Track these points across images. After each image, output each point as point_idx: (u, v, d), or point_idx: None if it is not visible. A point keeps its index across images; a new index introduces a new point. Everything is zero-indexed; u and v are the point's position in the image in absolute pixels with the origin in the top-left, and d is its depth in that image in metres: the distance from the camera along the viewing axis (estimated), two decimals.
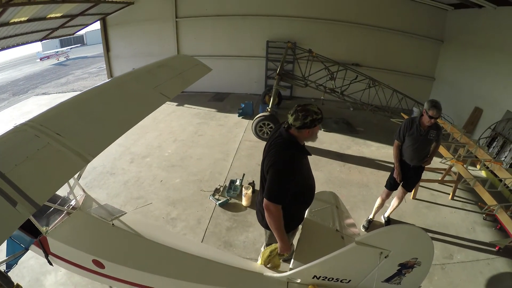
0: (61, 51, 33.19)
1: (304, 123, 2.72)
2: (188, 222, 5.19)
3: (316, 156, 7.67)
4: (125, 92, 3.23)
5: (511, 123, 7.80)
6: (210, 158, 7.44)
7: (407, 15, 12.09)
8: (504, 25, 8.70)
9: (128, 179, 6.52)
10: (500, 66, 8.78)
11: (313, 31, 12.31)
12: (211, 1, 12.52)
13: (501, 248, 5.07)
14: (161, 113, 10.65)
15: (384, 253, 2.23)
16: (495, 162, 5.87)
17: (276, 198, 2.71)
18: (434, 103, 4.51)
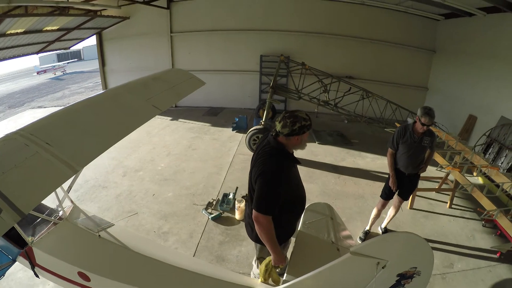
0: (58, 65, 33.44)
1: (293, 130, 2.66)
2: (180, 236, 5.10)
3: (310, 168, 7.69)
4: (117, 104, 3.22)
5: (506, 128, 7.84)
6: (204, 172, 7.39)
7: (399, 27, 12.34)
8: (494, 32, 8.92)
9: (120, 192, 6.46)
10: (491, 73, 8.97)
11: (307, 45, 12.50)
12: (206, 16, 12.69)
13: (502, 254, 5.02)
14: (155, 128, 10.67)
15: (381, 263, 2.10)
16: (492, 167, 5.83)
17: (265, 209, 2.61)
18: (427, 110, 4.48)
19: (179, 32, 13.06)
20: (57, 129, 2.48)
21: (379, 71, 12.89)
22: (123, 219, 5.47)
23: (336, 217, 3.69)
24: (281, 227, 2.83)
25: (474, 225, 5.85)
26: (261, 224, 2.63)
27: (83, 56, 45.63)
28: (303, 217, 3.48)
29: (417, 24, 12.21)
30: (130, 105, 3.29)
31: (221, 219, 5.55)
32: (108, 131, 2.82)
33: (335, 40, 12.64)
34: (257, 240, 2.96)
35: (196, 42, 13.07)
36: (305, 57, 10.49)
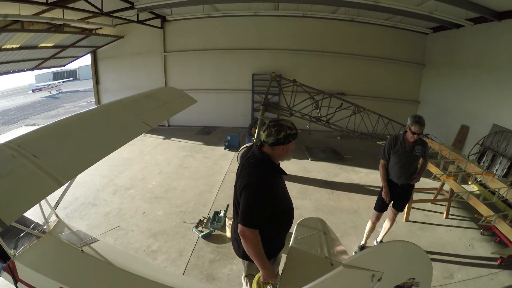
0: (54, 84, 33.80)
1: (278, 139, 2.58)
2: (170, 254, 5.00)
3: (303, 185, 7.67)
4: (107, 119, 3.23)
5: (498, 135, 7.95)
6: (195, 190, 7.33)
7: (389, 43, 12.64)
8: (482, 42, 9.15)
9: (110, 210, 6.37)
10: (481, 82, 9.17)
11: (298, 62, 12.71)
12: (198, 35, 12.87)
13: (503, 261, 4.96)
14: (147, 146, 10.67)
15: (377, 276, 1.97)
16: (487, 174, 5.86)
17: (251, 223, 2.51)
18: (417, 119, 4.45)
19: (172, 51, 13.21)
20: (46, 142, 2.48)
21: (371, 87, 13.10)
22: (105, 232, 5.36)
23: (329, 232, 3.61)
24: (269, 241, 2.73)
25: (472, 234, 5.82)
26: (248, 239, 2.52)
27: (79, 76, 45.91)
28: (294, 233, 3.41)
29: (406, 39, 12.54)
30: (120, 121, 3.30)
31: (212, 237, 5.45)
32: (96, 145, 2.81)
33: (326, 58, 12.87)
34: (244, 257, 2.83)
35: (189, 61, 13.21)
36: (297, 75, 10.64)
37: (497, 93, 8.56)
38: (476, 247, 5.43)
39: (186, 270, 4.70)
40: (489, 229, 5.72)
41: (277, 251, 2.99)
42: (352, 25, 12.20)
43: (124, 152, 9.89)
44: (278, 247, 2.98)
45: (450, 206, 6.43)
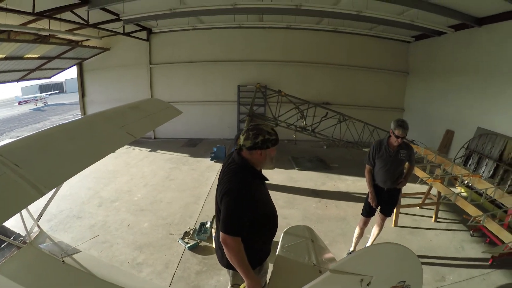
0: (40, 96, 33.64)
1: (255, 143, 2.52)
2: (155, 267, 4.93)
3: (290, 194, 7.68)
4: (91, 130, 3.20)
5: (483, 138, 8.12)
6: (181, 201, 7.27)
7: (373, 52, 12.91)
8: (463, 48, 9.42)
9: (95, 223, 6.28)
10: (464, 87, 9.40)
11: (283, 74, 12.82)
12: (184, 47, 12.96)
13: (494, 261, 5.01)
14: (133, 159, 10.61)
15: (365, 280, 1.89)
16: (473, 175, 5.89)
17: (233, 230, 2.45)
18: (400, 122, 4.46)
19: (158, 63, 13.24)
20: (28, 151, 2.44)
21: (356, 96, 13.33)
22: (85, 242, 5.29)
23: (317, 240, 3.56)
24: (253, 249, 2.67)
25: (462, 236, 5.87)
26: (230, 247, 2.46)
27: (66, 88, 45.64)
28: (281, 241, 3.36)
29: (389, 48, 12.86)
30: (104, 131, 3.28)
31: (198, 248, 5.39)
32: (79, 156, 2.78)
33: (311, 68, 13.06)
34: (228, 266, 2.75)
35: (175, 73, 13.27)
36: (282, 86, 10.70)
37: (480, 97, 8.80)
38: (466, 249, 5.49)
39: (172, 283, 4.63)
40: (479, 230, 5.81)
41: (263, 259, 2.93)
42: (336, 35, 12.40)
43: (109, 164, 9.82)
44: (263, 255, 2.92)
45: (439, 210, 6.48)
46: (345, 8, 8.32)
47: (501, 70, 8.17)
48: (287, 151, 11.77)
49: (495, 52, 8.40)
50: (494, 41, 8.39)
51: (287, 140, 12.81)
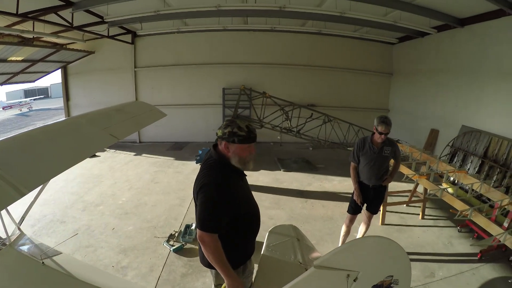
0: (25, 101, 33.30)
1: (223, 133, 2.46)
2: (140, 270, 4.87)
3: (276, 195, 7.68)
4: (73, 131, 3.17)
5: (468, 136, 8.24)
6: (166, 204, 7.22)
7: (357, 54, 13.11)
8: (446, 49, 9.62)
9: (79, 227, 6.19)
10: (447, 86, 9.59)
11: (268, 76, 12.89)
12: (169, 51, 12.93)
13: (483, 255, 5.06)
14: (117, 163, 10.51)
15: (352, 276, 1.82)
16: (459, 171, 5.93)
17: (209, 226, 2.37)
18: (383, 119, 4.47)
19: (143, 67, 13.18)
20: (9, 152, 2.41)
21: (341, 97, 13.46)
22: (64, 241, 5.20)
23: (303, 238, 3.52)
24: (234, 247, 2.61)
25: (450, 232, 5.93)
26: (207, 244, 2.38)
27: (51, 93, 45.16)
28: (266, 240, 3.33)
29: (374, 50, 13.07)
30: (87, 133, 3.26)
31: (184, 250, 5.36)
32: (61, 157, 2.75)
33: (296, 70, 13.17)
34: (209, 266, 2.65)
35: (160, 77, 13.21)
36: (267, 88, 10.75)
37: (463, 95, 8.98)
38: (454, 244, 5.55)
39: (158, 286, 4.58)
40: (466, 225, 5.91)
41: (246, 258, 2.85)
42: (320, 38, 12.57)
43: (94, 169, 9.73)
44: (246, 254, 2.84)
45: (425, 207, 6.54)
46: (328, 9, 8.41)
47: (483, 68, 8.36)
48: (273, 153, 11.82)
49: (477, 52, 8.59)
50: (476, 40, 8.58)
51: (273, 142, 12.92)
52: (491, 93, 8.15)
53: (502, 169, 7.23)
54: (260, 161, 10.55)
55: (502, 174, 7.21)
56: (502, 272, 4.82)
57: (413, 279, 4.52)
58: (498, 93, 7.94)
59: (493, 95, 8.08)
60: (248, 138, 2.48)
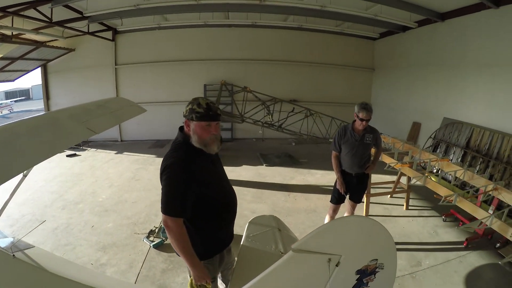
0: (5, 103, 32.51)
1: (185, 110, 2.41)
2: (119, 267, 4.79)
3: (258, 189, 7.66)
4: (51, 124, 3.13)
5: (450, 127, 8.39)
6: (147, 200, 7.12)
7: (339, 49, 13.25)
8: (427, 43, 9.78)
9: (58, 226, 6.06)
10: (428, 80, 9.76)
11: (250, 72, 12.88)
12: (150, 47, 12.80)
13: (469, 243, 5.11)
14: (98, 161, 10.37)
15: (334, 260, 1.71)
16: (441, 159, 5.98)
17: (171, 210, 2.25)
18: (364, 105, 4.44)
19: (124, 64, 13.01)
20: None
21: (323, 93, 13.55)
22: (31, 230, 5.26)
23: (285, 229, 3.44)
24: (204, 235, 2.52)
25: (435, 222, 5.99)
26: (171, 229, 2.26)
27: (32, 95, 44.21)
28: (246, 231, 3.26)
29: (355, 46, 13.24)
30: (63, 126, 3.20)
31: (164, 246, 5.27)
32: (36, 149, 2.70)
33: (277, 66, 13.19)
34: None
35: (141, 74, 13.06)
36: (249, 84, 10.72)
37: (445, 88, 9.14)
38: (440, 233, 5.60)
39: (137, 282, 4.49)
40: (451, 215, 5.97)
41: (220, 247, 2.74)
42: (302, 33, 12.63)
43: (75, 167, 9.61)
44: (220, 243, 2.74)
45: (409, 198, 6.57)
46: (309, 3, 8.42)
47: (464, 61, 8.53)
48: (256, 148, 11.83)
49: (457, 45, 8.75)
50: (456, 34, 8.74)
51: (255, 139, 12.98)
52: (471, 85, 8.31)
53: (485, 159, 7.38)
54: (242, 157, 10.60)
55: (485, 163, 7.37)
56: (489, 259, 4.88)
57: (400, 268, 4.55)
58: (478, 85, 8.11)
59: (474, 87, 8.24)
60: (206, 115, 2.38)
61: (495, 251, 5.05)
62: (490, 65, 7.71)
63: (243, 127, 12.71)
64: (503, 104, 7.38)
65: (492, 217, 4.23)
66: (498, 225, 4.20)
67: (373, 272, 1.88)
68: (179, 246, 2.30)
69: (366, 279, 1.89)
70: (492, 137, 7.45)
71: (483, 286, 4.43)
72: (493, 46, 7.64)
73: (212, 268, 2.67)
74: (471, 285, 4.38)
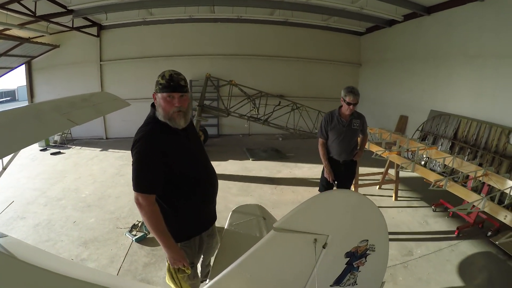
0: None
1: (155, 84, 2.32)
2: (100, 261, 4.69)
3: (244, 183, 7.66)
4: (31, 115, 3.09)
5: (437, 119, 8.49)
6: (130, 195, 6.81)
7: (326, 45, 13.33)
8: (413, 36, 9.90)
9: (39, 222, 5.94)
10: (415, 73, 9.86)
11: (236, 67, 12.87)
12: (135, 43, 12.67)
13: (460, 232, 5.13)
14: (83, 159, 10.22)
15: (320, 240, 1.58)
16: (430, 147, 5.97)
17: (142, 186, 2.19)
18: (350, 89, 4.31)
19: (109, 60, 12.83)
20: None
21: (309, 88, 13.61)
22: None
23: (270, 218, 3.36)
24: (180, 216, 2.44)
25: (425, 212, 6.01)
26: (143, 207, 2.20)
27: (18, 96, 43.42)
28: (229, 219, 3.21)
29: (342, 41, 13.32)
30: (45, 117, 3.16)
31: (147, 240, 5.19)
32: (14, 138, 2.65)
33: (264, 61, 13.20)
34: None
35: (126, 70, 12.89)
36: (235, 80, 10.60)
37: (431, 81, 9.22)
38: (430, 223, 5.63)
39: (118, 276, 4.48)
40: (441, 205, 6.00)
41: (198, 228, 2.63)
42: (289, 29, 12.65)
43: (58, 165, 9.45)
44: (198, 224, 2.63)
45: (398, 189, 6.59)
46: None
47: (450, 54, 8.61)
48: (242, 144, 11.79)
49: (443, 38, 8.84)
50: (442, 27, 8.84)
51: (242, 135, 12.97)
52: (458, 77, 8.39)
53: (473, 149, 7.46)
54: (229, 152, 10.58)
55: (473, 154, 7.44)
56: (481, 248, 4.92)
57: (391, 258, 4.51)
58: (464, 77, 8.20)
59: (460, 79, 8.32)
60: (168, 86, 2.29)
61: (486, 240, 5.08)
62: (477, 56, 7.79)
63: (229, 123, 12.77)
64: (491, 95, 7.46)
65: (484, 199, 4.16)
66: (490, 208, 4.13)
67: (363, 255, 1.76)
68: (151, 224, 2.23)
69: (357, 263, 1.78)
70: (479, 127, 7.53)
71: (476, 274, 4.44)
72: (479, 38, 7.72)
73: (190, 252, 2.58)
74: (464, 273, 4.37)
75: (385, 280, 1.97)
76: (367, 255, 1.76)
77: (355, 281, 1.82)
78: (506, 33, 6.98)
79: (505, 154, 6.85)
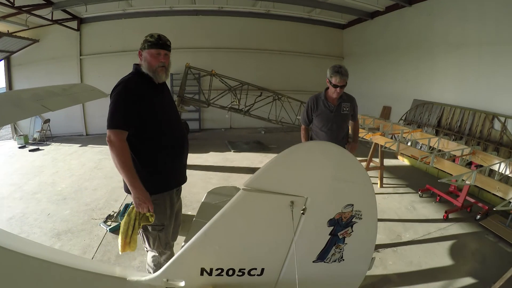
0: None
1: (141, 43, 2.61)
2: (72, 252, 4.51)
3: (225, 173, 7.63)
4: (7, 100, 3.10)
5: (420, 108, 8.58)
6: (107, 187, 6.91)
7: (308, 38, 13.40)
8: (395, 28, 10.01)
9: (13, 215, 5.79)
10: (398, 64, 9.97)
11: (218, 60, 12.75)
12: (116, 37, 12.52)
13: (449, 216, 5.15)
14: (61, 154, 10.03)
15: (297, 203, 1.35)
16: (414, 130, 5.99)
17: (117, 122, 2.34)
18: (337, 68, 3.71)
19: (89, 54, 12.66)
20: None
21: (292, 81, 13.66)
22: None
23: None
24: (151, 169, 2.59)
25: (411, 198, 6.03)
26: (113, 144, 2.31)
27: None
28: (204, 199, 3.19)
29: (324, 34, 13.44)
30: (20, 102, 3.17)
31: None
32: None
33: (245, 55, 13.22)
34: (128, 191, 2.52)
35: (107, 64, 12.68)
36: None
37: (413, 71, 9.33)
38: (417, 208, 5.65)
39: None
40: (427, 190, 6.04)
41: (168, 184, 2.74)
42: (270, 22, 12.71)
43: (37, 161, 9.25)
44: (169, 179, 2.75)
45: (383, 177, 6.59)
46: None
47: (431, 43, 8.72)
48: (224, 137, 11.72)
49: (425, 28, 8.95)
50: (423, 17, 8.94)
51: (224, 129, 12.93)
52: (440, 66, 8.49)
53: (457, 135, 7.51)
54: (210, 145, 10.51)
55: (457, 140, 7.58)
56: (471, 231, 4.95)
57: (379, 242, 4.54)
58: (447, 65, 8.30)
59: (443, 68, 8.42)
60: (157, 43, 2.58)
61: (476, 223, 5.12)
62: (459, 45, 7.89)
63: (211, 118, 12.75)
64: (473, 82, 7.55)
65: (474, 173, 3.99)
66: (482, 181, 4.01)
67: (349, 223, 1.56)
68: (119, 161, 2.33)
69: (342, 233, 1.57)
70: (463, 114, 7.61)
71: (469, 256, 4.41)
72: (460, 27, 7.83)
73: (160, 211, 2.68)
74: (457, 255, 4.36)
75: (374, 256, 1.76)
76: (353, 224, 1.57)
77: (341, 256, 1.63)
78: (488, 20, 7.07)
79: (490, 139, 6.92)
